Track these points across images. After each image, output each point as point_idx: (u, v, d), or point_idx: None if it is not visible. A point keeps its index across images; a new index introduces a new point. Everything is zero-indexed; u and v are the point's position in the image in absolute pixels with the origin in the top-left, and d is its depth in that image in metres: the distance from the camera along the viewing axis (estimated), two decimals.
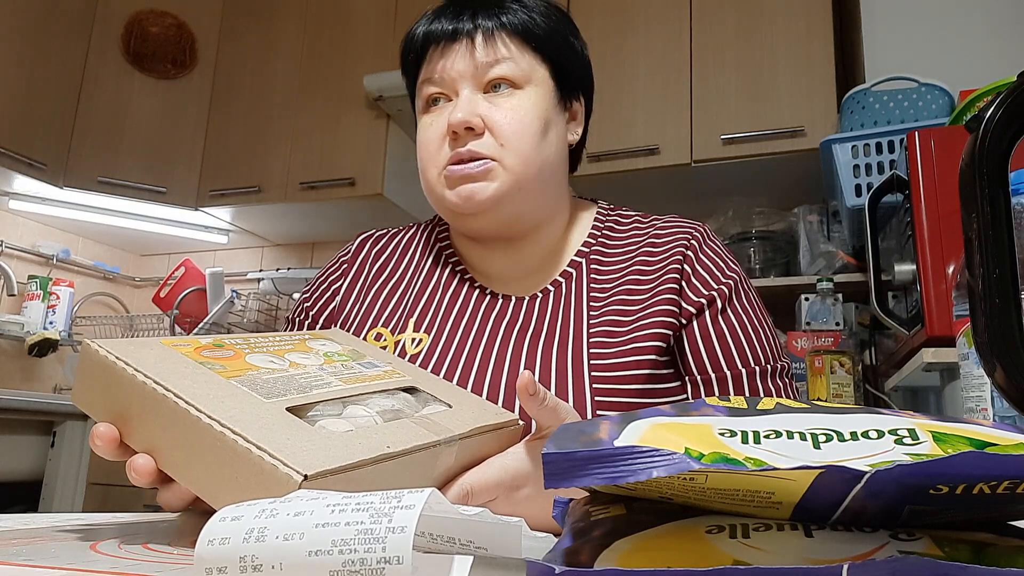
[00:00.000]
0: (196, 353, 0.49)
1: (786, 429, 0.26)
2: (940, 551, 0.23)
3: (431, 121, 0.77)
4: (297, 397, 0.46)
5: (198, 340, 0.51)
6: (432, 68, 0.76)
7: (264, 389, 0.46)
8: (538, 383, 0.49)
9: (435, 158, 0.75)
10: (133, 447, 0.43)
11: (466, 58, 0.74)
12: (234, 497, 0.38)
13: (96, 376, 0.45)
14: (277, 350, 0.54)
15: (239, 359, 0.50)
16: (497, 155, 0.72)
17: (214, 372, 0.46)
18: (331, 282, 0.86)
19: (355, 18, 2.55)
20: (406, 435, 0.46)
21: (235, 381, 0.46)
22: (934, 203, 1.33)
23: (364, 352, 0.61)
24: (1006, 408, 0.60)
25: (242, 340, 0.54)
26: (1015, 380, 0.36)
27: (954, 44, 1.84)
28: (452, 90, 0.75)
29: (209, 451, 0.40)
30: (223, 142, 2.66)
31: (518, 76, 0.75)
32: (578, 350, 0.72)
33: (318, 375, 0.51)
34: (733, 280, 0.76)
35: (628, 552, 0.25)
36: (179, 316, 2.74)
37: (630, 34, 2.18)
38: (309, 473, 0.37)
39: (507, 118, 0.73)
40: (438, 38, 0.76)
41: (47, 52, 2.43)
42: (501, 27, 0.75)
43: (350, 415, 0.47)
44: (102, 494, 2.15)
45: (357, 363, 0.57)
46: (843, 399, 1.67)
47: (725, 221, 2.12)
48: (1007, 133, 0.37)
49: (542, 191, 0.77)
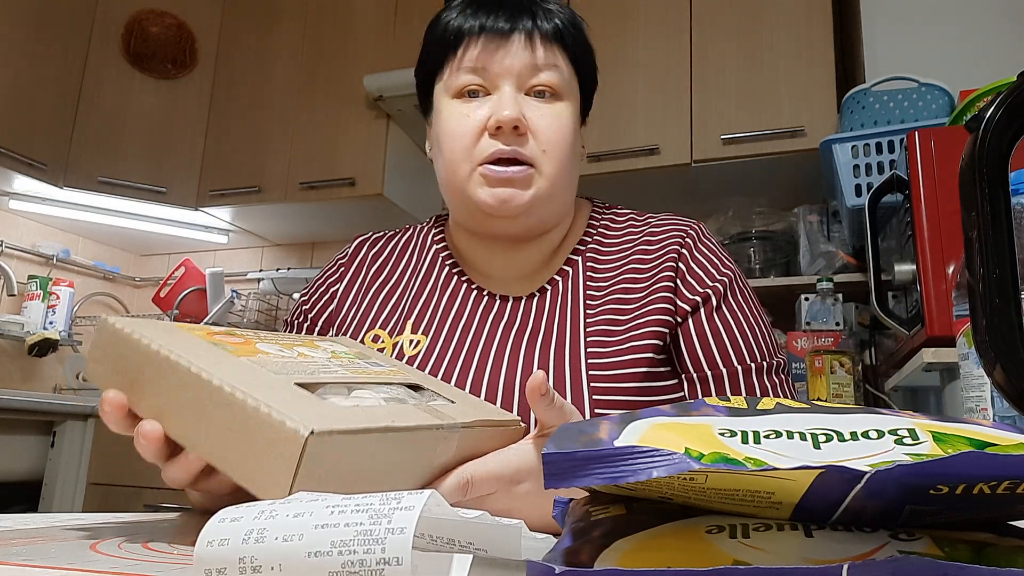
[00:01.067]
0: (208, 336, 0.50)
1: (786, 429, 0.26)
2: (940, 551, 0.23)
3: (467, 112, 0.74)
4: (305, 377, 0.47)
5: (210, 328, 0.53)
6: (479, 58, 0.74)
7: (273, 368, 0.47)
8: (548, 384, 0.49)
9: (470, 152, 0.73)
10: (141, 415, 0.44)
11: (522, 56, 0.73)
12: (242, 456, 0.39)
13: (110, 348, 0.46)
14: (286, 344, 0.55)
15: (249, 345, 0.51)
16: (538, 161, 0.73)
17: (225, 351, 0.48)
18: (329, 285, 0.86)
19: (355, 18, 2.55)
20: (410, 416, 0.46)
21: (245, 359, 0.47)
22: (934, 203, 1.33)
23: (370, 355, 0.62)
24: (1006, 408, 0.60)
25: (252, 333, 0.56)
26: (1015, 380, 0.36)
27: (954, 44, 1.84)
28: (493, 84, 0.74)
29: (218, 411, 0.40)
30: (223, 142, 2.66)
31: (562, 87, 0.75)
32: (575, 349, 0.72)
33: (325, 364, 0.52)
34: (728, 278, 0.76)
35: (628, 552, 0.25)
36: (179, 316, 2.74)
37: (630, 34, 2.18)
38: (316, 429, 0.37)
39: (551, 126, 0.73)
40: (492, 31, 0.74)
41: (47, 52, 2.43)
42: (557, 33, 0.75)
43: (356, 397, 0.48)
44: (102, 494, 2.15)
45: (363, 361, 0.58)
46: (843, 399, 1.67)
47: (725, 221, 2.12)
48: (1007, 133, 0.37)
49: (566, 199, 0.79)
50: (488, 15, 0.75)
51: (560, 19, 0.76)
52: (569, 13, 0.79)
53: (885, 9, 1.93)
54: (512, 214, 0.73)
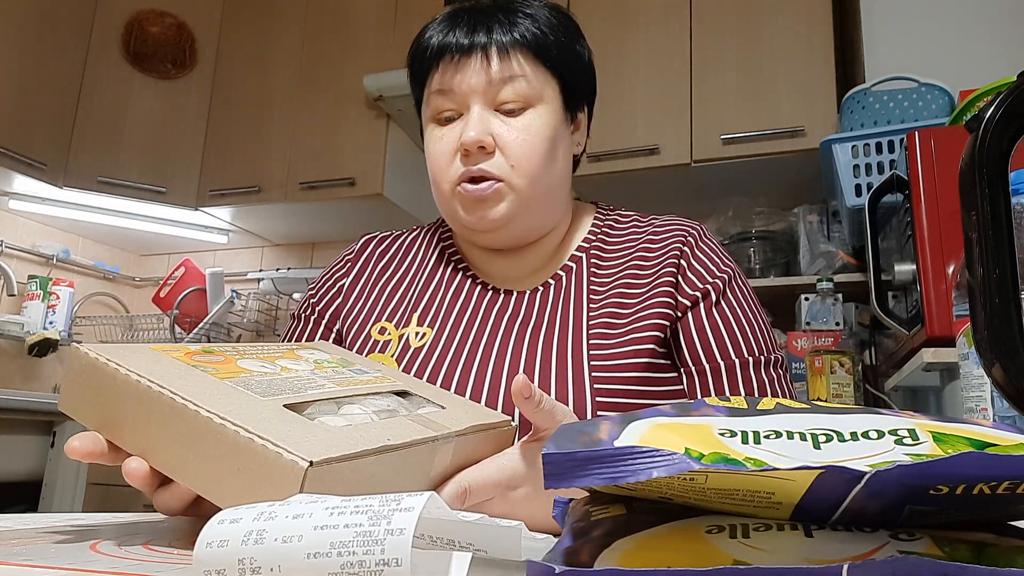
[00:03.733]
0: (187, 357, 0.48)
1: (786, 429, 0.26)
2: (940, 551, 0.23)
3: (441, 135, 0.77)
4: (292, 396, 0.46)
5: (187, 347, 0.51)
6: (444, 80, 0.76)
7: (259, 389, 0.45)
8: (533, 386, 0.50)
9: (446, 173, 0.76)
10: (124, 448, 0.42)
11: (480, 74, 0.74)
12: (237, 490, 0.38)
13: (86, 380, 0.44)
14: (267, 357, 0.54)
15: (230, 363, 0.49)
16: (506, 176, 0.74)
17: (207, 374, 0.46)
18: (337, 279, 0.88)
19: (355, 18, 2.55)
20: (404, 430, 0.46)
21: (229, 382, 0.45)
22: (934, 203, 1.33)
23: (353, 361, 0.61)
24: (1006, 408, 0.60)
25: (231, 348, 0.54)
26: (1014, 379, 0.36)
27: (954, 44, 1.84)
28: (463, 104, 0.76)
29: (210, 446, 0.39)
30: (223, 142, 2.66)
31: (530, 95, 0.75)
32: (578, 342, 0.74)
33: (311, 378, 0.51)
34: (727, 275, 0.78)
35: (628, 552, 0.25)
36: (179, 316, 2.74)
37: (630, 34, 2.18)
38: (315, 460, 0.36)
39: (518, 138, 0.74)
40: (452, 50, 0.75)
41: (47, 52, 2.43)
42: (515, 43, 0.75)
43: (346, 413, 0.47)
44: (102, 494, 2.15)
45: (347, 369, 0.57)
46: (843, 399, 1.67)
47: (725, 221, 2.12)
48: (1007, 133, 0.37)
49: (550, 205, 0.79)
50: (449, 33, 0.76)
51: (523, 27, 0.76)
52: (543, 15, 0.78)
53: (885, 9, 1.93)
54: (489, 228, 0.76)
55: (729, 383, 0.73)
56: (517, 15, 0.77)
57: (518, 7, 0.77)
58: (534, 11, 0.78)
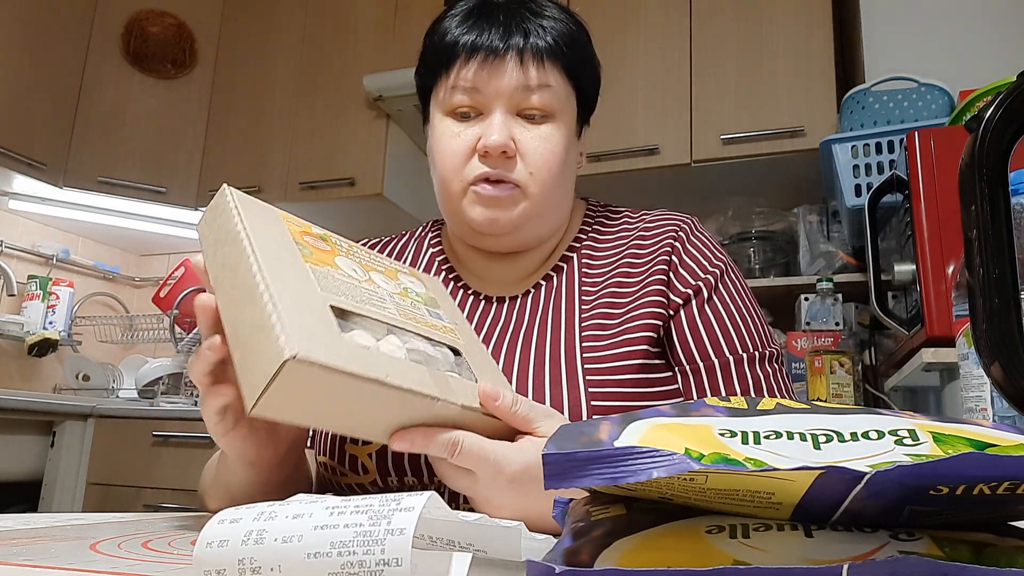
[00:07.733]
0: (299, 235, 0.53)
1: (786, 430, 0.26)
2: (940, 551, 0.23)
3: (458, 132, 0.74)
4: (347, 302, 0.47)
5: (310, 227, 0.57)
6: (470, 77, 0.73)
7: (326, 284, 0.47)
8: (503, 390, 0.51)
9: (460, 171, 0.74)
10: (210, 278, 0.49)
11: (511, 76, 0.73)
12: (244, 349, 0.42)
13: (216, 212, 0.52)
14: (367, 265, 0.56)
15: (328, 255, 0.53)
16: (524, 182, 0.73)
17: (300, 253, 0.49)
18: None
19: (355, 18, 2.55)
20: (414, 378, 0.45)
21: (310, 266, 0.48)
22: (934, 203, 1.33)
23: (441, 304, 0.61)
24: (1006, 408, 0.60)
25: (346, 244, 0.58)
26: (1014, 379, 0.36)
27: (954, 44, 1.83)
28: (485, 105, 0.74)
29: (247, 300, 0.43)
30: (223, 142, 2.66)
31: (555, 105, 0.74)
32: (570, 342, 0.73)
33: (382, 298, 0.52)
34: (719, 269, 0.77)
35: (628, 552, 0.25)
36: (179, 316, 2.74)
37: (630, 34, 2.18)
38: (300, 354, 0.38)
39: (539, 147, 0.73)
40: (485, 49, 0.73)
41: (47, 52, 2.43)
42: (550, 52, 0.74)
43: (384, 340, 0.47)
44: (102, 494, 2.15)
45: (427, 307, 0.57)
46: (843, 399, 1.67)
47: (725, 221, 2.12)
48: (1007, 133, 0.37)
49: (555, 215, 0.79)
50: (483, 31, 0.74)
51: (555, 34, 0.75)
52: (567, 24, 0.77)
53: (885, 9, 1.93)
54: (500, 232, 0.75)
55: (724, 380, 0.72)
56: (547, 21, 0.75)
57: (543, 10, 0.76)
58: (563, 18, 0.77)
